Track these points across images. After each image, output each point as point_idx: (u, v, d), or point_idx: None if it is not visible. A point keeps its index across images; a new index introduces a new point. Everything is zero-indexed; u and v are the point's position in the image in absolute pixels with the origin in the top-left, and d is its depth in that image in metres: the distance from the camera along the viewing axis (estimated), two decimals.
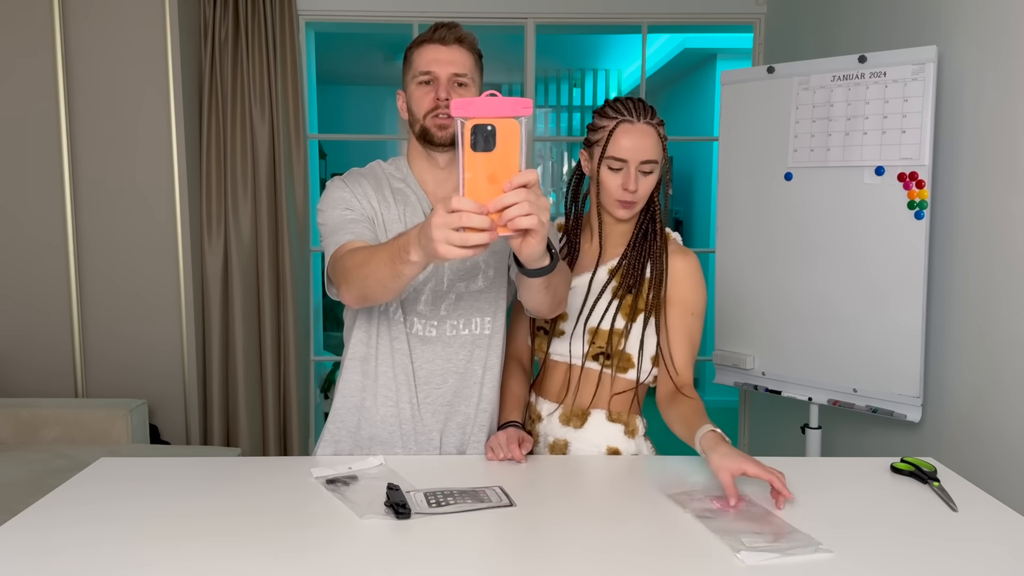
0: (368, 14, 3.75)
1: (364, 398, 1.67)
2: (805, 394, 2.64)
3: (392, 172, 1.69)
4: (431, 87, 1.59)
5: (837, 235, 2.50)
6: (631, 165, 1.57)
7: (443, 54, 1.59)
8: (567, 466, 1.60)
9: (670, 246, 1.68)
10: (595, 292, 1.66)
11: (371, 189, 1.64)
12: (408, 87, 1.63)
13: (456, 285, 1.64)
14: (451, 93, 1.59)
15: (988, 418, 2.15)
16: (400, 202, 1.64)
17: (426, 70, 1.59)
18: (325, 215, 1.62)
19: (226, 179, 3.53)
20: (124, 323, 3.40)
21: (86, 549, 1.19)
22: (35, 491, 2.42)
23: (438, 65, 1.59)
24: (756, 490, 1.44)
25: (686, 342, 1.66)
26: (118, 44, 3.30)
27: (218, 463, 1.63)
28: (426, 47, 1.61)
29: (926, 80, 2.27)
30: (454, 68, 1.59)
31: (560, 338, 1.70)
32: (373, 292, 1.41)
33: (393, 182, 1.66)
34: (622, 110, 1.59)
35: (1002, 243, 2.10)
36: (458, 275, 1.64)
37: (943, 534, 1.27)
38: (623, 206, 1.60)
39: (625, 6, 3.75)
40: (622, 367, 1.67)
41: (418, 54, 1.61)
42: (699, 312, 1.67)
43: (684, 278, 1.66)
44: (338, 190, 1.63)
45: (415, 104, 1.61)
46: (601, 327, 1.65)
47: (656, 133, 1.59)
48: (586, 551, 1.21)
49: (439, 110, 1.59)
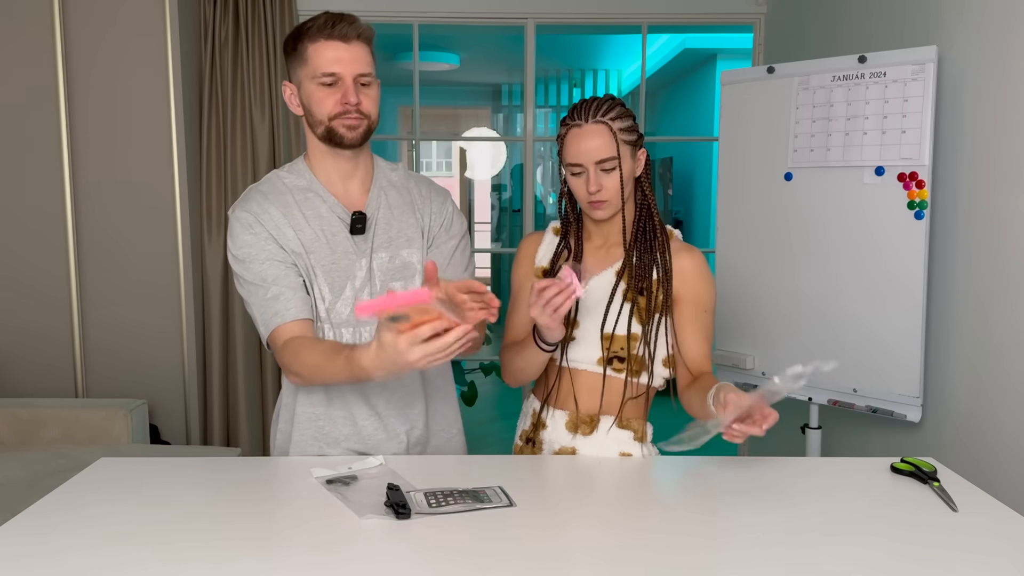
0: (368, 14, 3.74)
1: (321, 426, 1.66)
2: (805, 394, 2.64)
3: (295, 182, 1.63)
4: (335, 88, 1.52)
5: (837, 235, 2.50)
6: (588, 167, 1.58)
7: (344, 52, 1.51)
8: (567, 466, 1.60)
9: (673, 243, 1.67)
10: (604, 297, 1.64)
11: (279, 213, 1.58)
12: (304, 84, 1.54)
13: (392, 285, 1.62)
14: (358, 96, 1.53)
15: (988, 418, 2.15)
16: (313, 217, 1.59)
17: (329, 71, 1.51)
18: (240, 264, 1.56)
19: (226, 179, 3.53)
20: (124, 323, 3.40)
21: (86, 549, 1.19)
22: (35, 491, 2.42)
23: (341, 65, 1.51)
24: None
25: (704, 340, 1.66)
26: (118, 44, 3.30)
27: (218, 463, 1.63)
28: (325, 44, 1.51)
29: (926, 80, 2.27)
30: (358, 68, 1.53)
31: (571, 344, 1.67)
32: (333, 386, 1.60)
33: (296, 194, 1.61)
34: (573, 115, 1.60)
35: (1002, 243, 2.10)
36: (390, 275, 1.63)
37: (943, 534, 1.27)
38: (595, 207, 1.61)
39: (625, 6, 3.75)
40: (635, 371, 1.65)
41: (316, 51, 1.51)
42: (711, 308, 1.67)
43: (692, 275, 1.65)
44: (246, 232, 1.56)
45: (316, 105, 1.54)
46: (617, 332, 1.63)
47: (608, 128, 1.58)
48: (586, 551, 1.21)
49: (347, 114, 1.53)
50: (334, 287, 1.59)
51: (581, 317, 1.66)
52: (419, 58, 3.97)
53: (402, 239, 1.64)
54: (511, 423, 2.04)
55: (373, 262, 1.61)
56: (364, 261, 1.61)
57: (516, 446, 1.79)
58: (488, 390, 5.92)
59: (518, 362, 1.67)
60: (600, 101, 1.61)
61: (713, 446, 1.41)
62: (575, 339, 1.67)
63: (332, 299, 1.60)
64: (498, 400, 5.82)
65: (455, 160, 10.57)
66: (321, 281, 1.59)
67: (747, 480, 1.50)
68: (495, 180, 9.26)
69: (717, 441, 1.69)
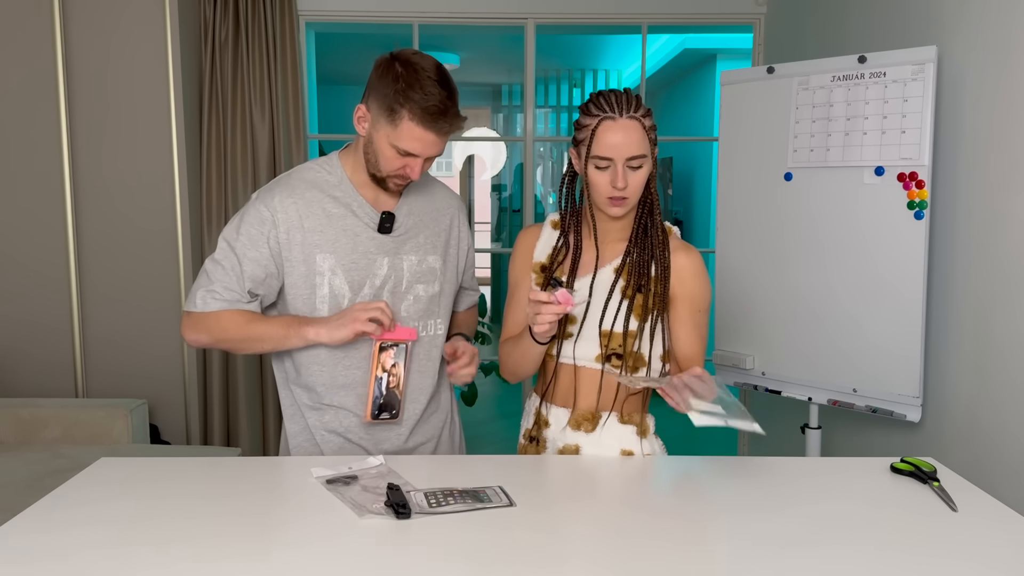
0: (368, 14, 3.75)
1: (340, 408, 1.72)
2: (805, 394, 2.64)
3: (326, 177, 1.70)
4: (407, 159, 1.60)
5: (837, 235, 2.50)
6: (618, 162, 1.53)
7: (432, 144, 1.59)
8: (568, 466, 1.60)
9: (672, 241, 1.66)
10: (602, 293, 1.64)
11: (297, 210, 1.64)
12: (380, 135, 1.60)
13: (415, 287, 1.73)
14: (421, 170, 1.63)
15: (988, 418, 2.15)
16: (338, 215, 1.66)
17: (410, 151, 1.59)
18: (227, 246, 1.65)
19: (226, 179, 3.53)
20: (124, 323, 3.40)
21: (86, 549, 1.19)
22: (35, 491, 2.42)
23: (423, 148, 1.59)
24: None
25: (698, 339, 1.66)
26: (118, 44, 3.30)
27: (218, 463, 1.63)
28: (422, 131, 1.56)
29: (926, 80, 2.27)
30: (433, 152, 1.61)
31: (567, 340, 1.67)
32: (230, 348, 1.72)
33: (325, 189, 1.68)
34: (604, 106, 1.55)
35: (1002, 243, 2.10)
36: (416, 277, 1.73)
37: (943, 534, 1.27)
38: (615, 204, 1.57)
39: (625, 6, 3.75)
40: (634, 367, 1.64)
41: (409, 129, 1.56)
42: (705, 308, 1.67)
43: (689, 275, 1.64)
44: (253, 227, 1.64)
45: (383, 160, 1.61)
46: (615, 329, 1.62)
47: (641, 126, 1.55)
48: (586, 550, 1.21)
49: (402, 177, 1.63)
50: (353, 284, 1.66)
51: (579, 313, 1.65)
52: None
53: (428, 245, 1.75)
54: (511, 423, 2.04)
55: (403, 263, 1.71)
56: (386, 260, 1.69)
57: (520, 445, 1.79)
58: (488, 390, 5.92)
59: (516, 355, 1.68)
60: (631, 95, 1.57)
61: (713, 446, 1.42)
62: (572, 335, 1.66)
63: (352, 296, 1.67)
64: (498, 400, 5.82)
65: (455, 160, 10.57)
66: (340, 278, 1.66)
67: (747, 480, 1.50)
68: (495, 180, 9.26)
69: (717, 441, 1.69)
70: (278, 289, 1.67)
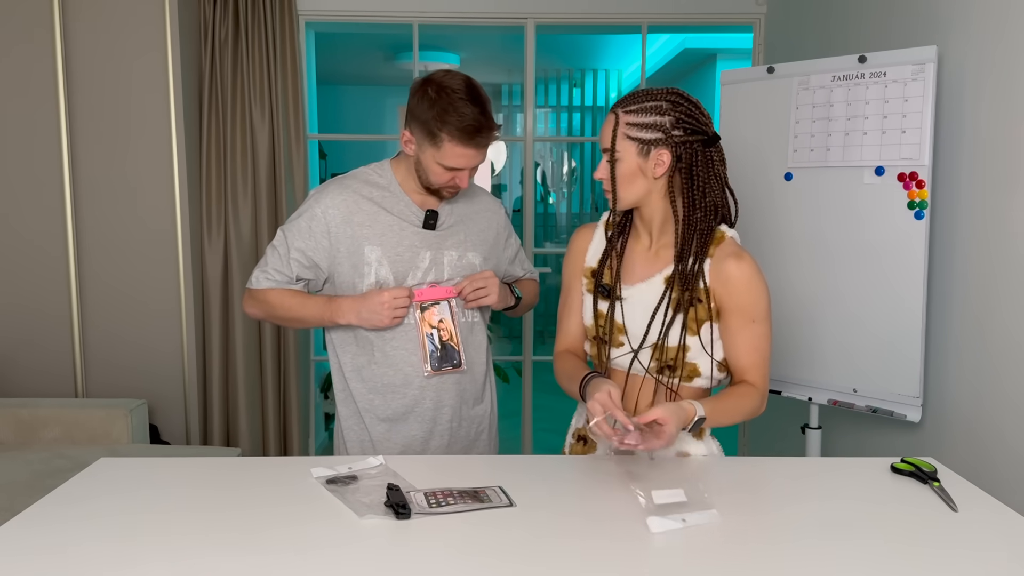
0: (368, 14, 3.75)
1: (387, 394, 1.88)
2: (805, 394, 2.64)
3: (377, 180, 1.88)
4: (454, 172, 1.77)
5: (837, 235, 2.50)
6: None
7: (474, 156, 1.76)
8: (568, 466, 1.60)
9: (724, 248, 1.59)
10: (652, 304, 1.60)
11: (346, 207, 1.82)
12: (427, 155, 1.76)
13: (454, 280, 1.88)
14: (469, 179, 1.81)
15: (988, 418, 2.15)
16: (385, 213, 1.84)
17: (456, 167, 1.76)
18: (282, 234, 1.86)
19: (226, 179, 3.53)
20: (124, 323, 3.40)
21: (86, 549, 1.19)
22: (35, 491, 2.42)
23: (467, 162, 1.76)
24: None
25: (752, 350, 1.59)
26: (118, 44, 3.30)
27: (218, 463, 1.63)
28: (462, 149, 1.73)
29: (926, 80, 2.27)
30: (477, 161, 1.78)
31: (619, 348, 1.64)
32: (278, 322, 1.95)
33: (376, 190, 1.86)
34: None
35: (1002, 243, 2.10)
36: (456, 271, 1.88)
37: (943, 534, 1.27)
38: (607, 195, 1.61)
39: (625, 6, 3.75)
40: (688, 376, 1.61)
41: (451, 148, 1.72)
42: (761, 318, 1.59)
43: (738, 285, 1.57)
44: (306, 220, 1.84)
45: (432, 175, 1.79)
46: (668, 344, 1.58)
47: (614, 118, 1.57)
48: (586, 551, 1.21)
49: (453, 187, 1.82)
50: (398, 275, 1.85)
51: (629, 323, 1.62)
52: (419, 58, 3.96)
53: (469, 243, 1.91)
54: (513, 423, 2.04)
55: (444, 257, 1.87)
56: (428, 254, 1.86)
57: (568, 444, 1.78)
58: None
59: (565, 383, 1.70)
60: (635, 92, 1.58)
61: None
62: (622, 344, 1.63)
63: (395, 286, 1.85)
64: (498, 400, 5.81)
65: None
66: (386, 268, 1.84)
67: (747, 480, 1.50)
68: (495, 180, 9.26)
69: (717, 441, 1.69)
70: (323, 279, 1.88)
